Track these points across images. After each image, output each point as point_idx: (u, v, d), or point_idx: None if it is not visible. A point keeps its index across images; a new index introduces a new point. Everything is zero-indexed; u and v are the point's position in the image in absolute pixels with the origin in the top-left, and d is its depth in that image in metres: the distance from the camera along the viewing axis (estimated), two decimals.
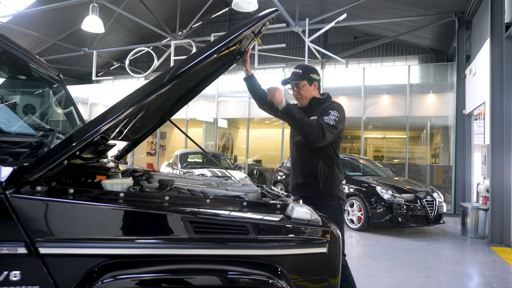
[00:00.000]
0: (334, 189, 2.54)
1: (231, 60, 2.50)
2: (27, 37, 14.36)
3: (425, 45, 13.80)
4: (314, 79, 2.57)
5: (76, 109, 2.76)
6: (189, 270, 1.42)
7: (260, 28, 2.20)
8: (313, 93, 2.58)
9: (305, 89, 2.55)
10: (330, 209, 2.49)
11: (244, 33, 1.78)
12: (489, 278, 4.47)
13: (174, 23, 13.81)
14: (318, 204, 2.40)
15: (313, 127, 2.29)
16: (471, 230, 6.80)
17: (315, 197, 2.50)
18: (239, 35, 1.74)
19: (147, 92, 1.51)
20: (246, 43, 2.38)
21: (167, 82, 1.54)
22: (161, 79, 1.55)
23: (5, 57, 2.07)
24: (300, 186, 2.59)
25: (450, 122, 10.68)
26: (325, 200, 2.52)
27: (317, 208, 2.10)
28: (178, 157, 9.76)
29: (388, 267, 4.72)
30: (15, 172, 1.30)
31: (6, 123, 1.92)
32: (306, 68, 2.58)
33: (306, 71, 2.55)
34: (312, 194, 2.52)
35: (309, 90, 2.56)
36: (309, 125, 2.30)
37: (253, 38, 2.34)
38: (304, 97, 2.57)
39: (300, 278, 1.58)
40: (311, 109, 2.56)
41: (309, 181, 2.53)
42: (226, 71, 2.71)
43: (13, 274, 1.23)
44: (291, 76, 2.57)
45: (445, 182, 11.24)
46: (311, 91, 2.57)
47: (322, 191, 2.52)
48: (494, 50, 6.53)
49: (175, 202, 1.59)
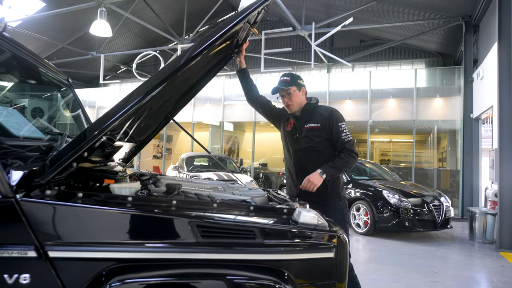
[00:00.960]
0: (341, 189, 2.64)
1: (230, 53, 2.52)
2: (37, 41, 14.55)
3: (432, 49, 13.73)
4: (301, 85, 2.65)
5: (84, 112, 2.78)
6: (196, 274, 1.42)
7: (256, 17, 2.21)
8: (302, 99, 2.66)
9: (295, 94, 2.61)
10: (338, 209, 2.55)
11: (240, 23, 1.76)
12: (497, 284, 4.41)
13: (181, 27, 13.90)
14: (326, 205, 2.45)
15: (348, 161, 2.49)
16: (479, 235, 6.72)
17: (322, 200, 2.52)
18: (235, 25, 1.72)
19: (148, 89, 1.50)
20: (243, 35, 2.39)
21: (167, 78, 1.53)
22: (161, 74, 1.54)
23: (15, 61, 2.10)
24: (308, 191, 2.53)
25: (457, 126, 10.59)
26: (333, 201, 2.57)
27: (325, 210, 2.17)
28: (184, 161, 9.78)
29: (395, 272, 4.68)
30: (25, 176, 1.31)
31: (16, 127, 1.95)
32: (292, 75, 2.67)
33: (293, 78, 2.64)
34: (320, 197, 2.52)
35: (299, 95, 2.63)
36: (346, 162, 2.49)
37: (249, 29, 2.35)
38: (295, 102, 2.62)
39: (307, 283, 1.57)
40: (307, 114, 2.63)
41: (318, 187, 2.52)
42: (225, 65, 2.74)
43: (23, 277, 1.25)
44: (281, 83, 2.62)
45: (452, 187, 11.14)
46: (301, 97, 2.64)
47: (330, 193, 2.56)
48: (502, 53, 6.48)
49: (182, 206, 1.60)
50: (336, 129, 2.52)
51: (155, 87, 1.51)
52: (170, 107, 2.75)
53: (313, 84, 12.42)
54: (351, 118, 11.47)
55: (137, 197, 1.57)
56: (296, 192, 2.67)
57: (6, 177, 1.29)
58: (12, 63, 2.09)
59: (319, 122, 2.54)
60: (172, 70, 1.55)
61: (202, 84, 2.70)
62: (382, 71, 14.11)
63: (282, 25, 15.44)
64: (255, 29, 2.43)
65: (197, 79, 2.52)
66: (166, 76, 1.53)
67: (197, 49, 1.59)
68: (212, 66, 2.52)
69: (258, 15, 2.20)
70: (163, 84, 1.52)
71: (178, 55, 1.64)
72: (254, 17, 2.17)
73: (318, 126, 2.53)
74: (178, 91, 2.46)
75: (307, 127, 2.58)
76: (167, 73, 1.54)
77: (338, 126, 2.52)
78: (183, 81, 2.25)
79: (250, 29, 2.38)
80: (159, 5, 14.07)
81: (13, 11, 12.03)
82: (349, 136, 2.53)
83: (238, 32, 2.25)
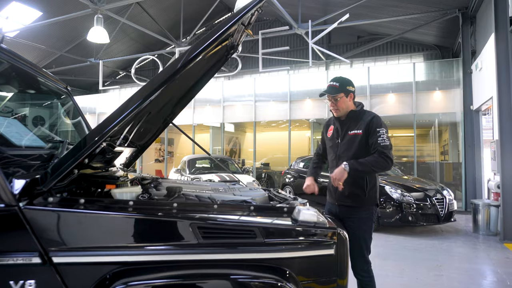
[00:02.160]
0: (377, 196, 2.64)
1: (225, 55, 2.54)
2: (35, 50, 14.62)
3: (429, 42, 13.72)
4: (350, 91, 2.61)
5: (84, 119, 2.81)
6: (198, 275, 1.44)
7: (250, 19, 2.23)
8: (349, 104, 2.62)
9: (342, 101, 2.58)
10: (371, 214, 2.62)
11: (234, 26, 1.78)
12: (502, 275, 4.42)
13: (177, 30, 13.94)
14: (359, 212, 2.55)
15: (379, 163, 2.43)
16: (483, 227, 6.72)
17: (358, 206, 2.57)
18: (230, 28, 1.73)
19: (146, 94, 1.52)
20: (238, 36, 2.42)
21: (165, 82, 1.55)
22: (159, 79, 1.56)
23: (14, 72, 2.13)
24: (346, 196, 2.58)
25: (458, 118, 10.58)
26: (368, 207, 2.60)
27: (357, 215, 2.46)
28: (186, 163, 9.81)
29: (400, 267, 4.68)
30: (27, 184, 1.34)
31: (17, 136, 1.97)
32: (342, 80, 2.62)
33: (342, 83, 2.60)
34: (358, 203, 2.57)
35: (346, 101, 2.60)
36: (375, 163, 2.43)
37: (244, 30, 2.37)
38: (341, 108, 2.60)
39: (309, 280, 1.59)
40: (351, 121, 2.62)
41: (355, 191, 2.55)
42: (221, 67, 2.77)
43: (28, 283, 1.27)
44: (328, 89, 2.60)
45: (455, 179, 11.13)
46: (348, 103, 2.61)
47: (367, 199, 2.57)
48: (499, 44, 6.48)
49: (183, 208, 1.62)
50: (374, 133, 2.50)
51: (153, 92, 1.53)
52: (169, 111, 2.77)
53: (311, 82, 12.44)
54: None
55: (138, 201, 1.59)
56: (335, 197, 2.67)
57: (9, 186, 1.31)
58: (11, 74, 2.12)
59: (361, 128, 2.55)
60: (170, 74, 1.57)
61: (200, 87, 2.73)
62: (381, 66, 14.10)
63: (279, 24, 15.46)
64: (249, 30, 2.46)
65: (194, 82, 2.54)
66: (163, 80, 1.55)
67: (193, 52, 1.61)
68: (209, 68, 2.55)
69: (252, 16, 2.22)
70: (161, 88, 1.55)
71: (175, 58, 1.65)
72: (248, 18, 2.19)
73: (360, 132, 2.54)
74: (176, 95, 2.49)
75: (351, 133, 2.58)
76: (165, 77, 1.56)
77: (377, 130, 2.49)
78: (181, 85, 2.28)
79: (245, 31, 2.40)
80: (155, 9, 14.11)
81: (11, 21, 12.10)
82: (385, 142, 2.47)
83: (233, 34, 2.27)
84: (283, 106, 12.16)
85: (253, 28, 2.48)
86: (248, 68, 16.92)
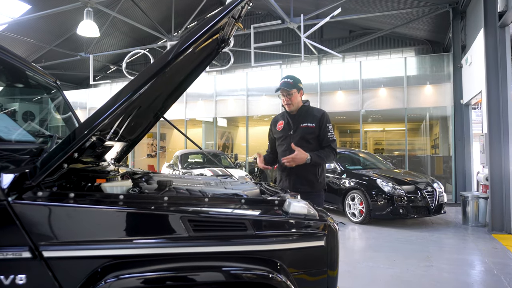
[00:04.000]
0: (325, 181, 2.99)
1: (216, 49, 2.55)
2: (24, 44, 14.39)
3: (421, 37, 13.80)
4: (301, 88, 2.94)
5: (74, 114, 2.79)
6: (189, 268, 1.45)
7: (240, 12, 2.23)
8: (299, 100, 2.94)
9: (295, 96, 2.89)
10: (321, 198, 2.90)
11: (224, 19, 1.76)
12: (490, 265, 4.51)
13: (169, 24, 13.82)
14: (313, 197, 2.65)
15: (330, 157, 2.85)
16: (472, 218, 6.84)
17: (312, 191, 2.80)
18: (220, 21, 1.72)
19: (136, 87, 1.51)
20: (229, 30, 2.42)
21: (155, 75, 1.54)
22: (149, 72, 1.54)
23: (2, 66, 2.10)
24: (300, 183, 2.85)
25: (448, 112, 10.69)
26: (320, 192, 2.90)
27: (315, 201, 2.38)
28: (178, 158, 9.79)
29: (391, 259, 4.75)
30: (16, 178, 1.33)
31: (6, 131, 1.95)
32: (294, 78, 2.94)
33: (295, 80, 2.92)
34: (311, 188, 2.84)
35: (297, 97, 2.92)
36: (328, 157, 2.84)
37: (234, 24, 2.37)
38: (294, 103, 2.90)
39: (299, 271, 1.61)
40: (303, 115, 2.93)
41: (308, 177, 2.84)
42: (212, 60, 2.79)
43: (19, 277, 1.27)
44: (284, 83, 2.87)
45: (445, 172, 11.27)
46: (299, 98, 2.94)
47: (318, 185, 2.88)
48: (488, 39, 6.55)
49: (174, 202, 1.62)
50: (325, 129, 2.86)
51: (143, 85, 1.52)
52: (160, 105, 2.76)
53: (304, 76, 12.43)
54: (343, 108, 11.52)
55: (128, 195, 1.59)
56: (288, 183, 2.89)
57: None
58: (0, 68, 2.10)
59: (314, 122, 2.86)
60: (160, 67, 1.56)
61: (190, 81, 2.72)
62: (372, 60, 14.16)
63: (271, 18, 15.41)
64: (240, 23, 2.45)
65: (185, 75, 2.53)
66: (153, 73, 1.54)
67: (183, 45, 1.60)
68: (200, 62, 2.54)
69: (242, 9, 2.21)
70: (151, 81, 1.54)
71: (165, 51, 1.63)
72: (238, 11, 2.18)
73: (313, 125, 2.86)
74: (166, 89, 2.48)
75: (303, 125, 2.88)
76: (155, 70, 1.55)
77: (327, 126, 2.87)
78: (171, 78, 2.27)
79: (235, 24, 2.39)
80: (146, 2, 13.96)
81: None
82: (333, 137, 2.90)
83: (223, 27, 2.26)
84: (276, 101, 12.16)
85: (245, 22, 2.47)
86: (241, 63, 16.87)
